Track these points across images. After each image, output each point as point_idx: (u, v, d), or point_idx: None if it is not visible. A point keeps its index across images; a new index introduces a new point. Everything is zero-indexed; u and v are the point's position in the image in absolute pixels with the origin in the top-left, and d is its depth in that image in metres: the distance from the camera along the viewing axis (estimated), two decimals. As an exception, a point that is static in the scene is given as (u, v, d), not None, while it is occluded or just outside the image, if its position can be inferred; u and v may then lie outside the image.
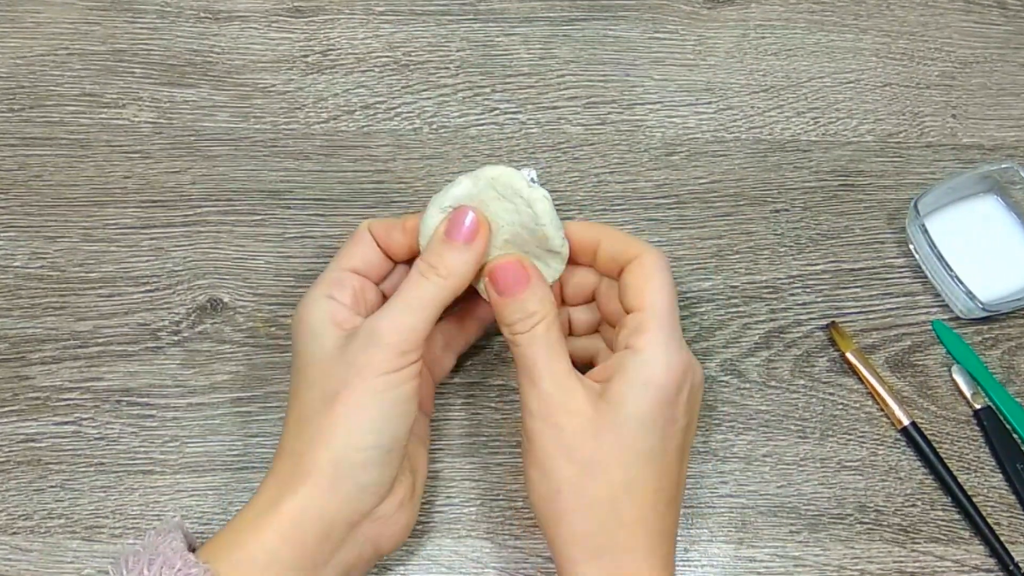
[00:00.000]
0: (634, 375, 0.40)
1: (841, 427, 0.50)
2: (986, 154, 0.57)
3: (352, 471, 0.40)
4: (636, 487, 0.40)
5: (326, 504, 0.40)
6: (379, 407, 0.40)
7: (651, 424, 0.40)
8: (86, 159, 0.55)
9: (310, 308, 0.42)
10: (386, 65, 0.59)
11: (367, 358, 0.40)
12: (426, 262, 0.42)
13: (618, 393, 0.40)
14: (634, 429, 0.40)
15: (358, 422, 0.40)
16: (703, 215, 0.55)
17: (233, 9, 0.60)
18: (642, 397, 0.40)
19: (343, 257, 0.44)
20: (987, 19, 0.62)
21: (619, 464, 0.39)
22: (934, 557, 0.48)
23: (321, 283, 0.43)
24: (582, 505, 0.39)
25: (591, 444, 0.40)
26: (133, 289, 0.52)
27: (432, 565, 0.47)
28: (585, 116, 0.58)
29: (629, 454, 0.40)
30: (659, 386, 0.40)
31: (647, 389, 0.40)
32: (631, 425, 0.40)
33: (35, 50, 0.59)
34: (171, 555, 0.38)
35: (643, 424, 0.40)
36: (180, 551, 0.38)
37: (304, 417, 0.41)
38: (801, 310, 0.53)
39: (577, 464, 0.40)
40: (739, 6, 0.62)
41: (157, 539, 0.39)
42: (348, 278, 0.43)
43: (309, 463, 0.40)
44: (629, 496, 0.40)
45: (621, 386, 0.40)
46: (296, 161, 0.56)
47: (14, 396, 0.50)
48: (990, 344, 0.53)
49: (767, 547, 0.48)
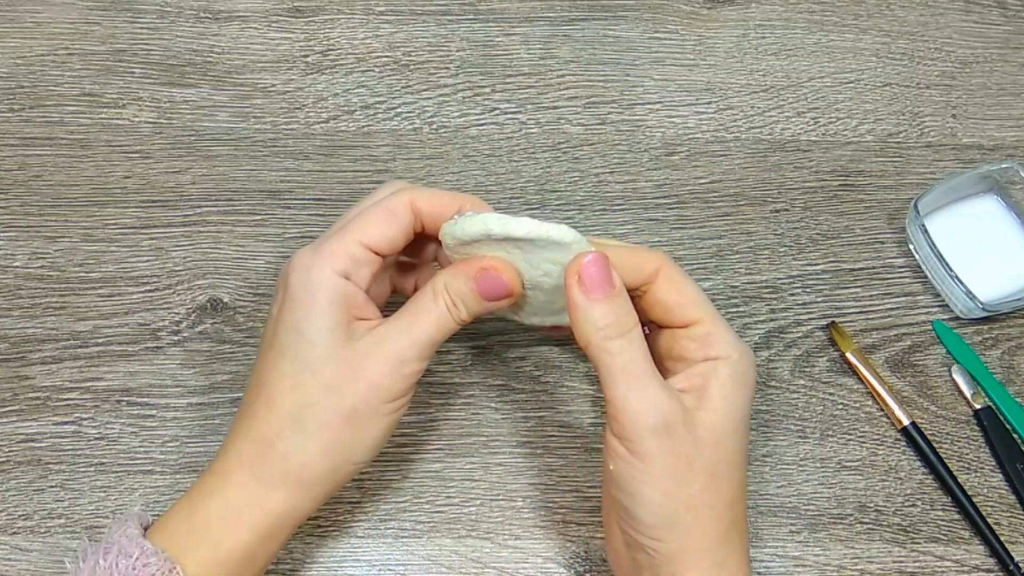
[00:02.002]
0: (730, 380, 0.39)
1: (841, 427, 0.50)
2: (986, 154, 0.57)
3: (338, 480, 0.41)
4: (743, 489, 0.40)
5: (309, 507, 0.40)
6: (383, 432, 0.40)
7: (747, 422, 0.40)
8: (86, 159, 0.55)
9: (318, 283, 0.39)
10: (386, 65, 0.59)
11: (391, 384, 0.39)
12: (453, 300, 0.40)
13: (721, 400, 0.39)
14: (743, 431, 0.40)
15: (364, 441, 0.40)
16: (703, 215, 0.55)
17: (233, 9, 0.60)
18: (743, 397, 0.40)
19: (365, 228, 0.40)
20: (987, 19, 0.62)
21: (732, 468, 0.39)
22: (934, 557, 0.48)
23: (332, 255, 0.40)
24: (713, 516, 0.38)
25: (713, 453, 0.38)
26: (133, 289, 0.52)
27: (432, 565, 0.47)
28: (585, 116, 0.58)
29: (739, 457, 0.40)
30: (750, 383, 0.40)
31: (745, 388, 0.40)
32: (742, 427, 0.40)
33: (35, 50, 0.59)
34: (126, 543, 0.37)
35: (746, 425, 0.40)
36: (135, 538, 0.38)
37: (310, 419, 0.39)
38: (801, 310, 0.53)
39: (704, 475, 0.38)
40: (739, 6, 0.62)
41: (113, 529, 0.39)
42: (368, 258, 0.40)
43: (308, 473, 0.39)
44: (741, 499, 0.40)
45: (723, 390, 0.39)
46: (296, 161, 0.56)
47: (14, 396, 0.50)
48: (990, 344, 0.53)
49: (767, 547, 0.48)
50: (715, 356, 0.40)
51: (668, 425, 0.37)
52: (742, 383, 0.40)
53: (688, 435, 0.38)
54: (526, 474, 0.49)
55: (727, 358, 0.40)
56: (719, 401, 0.39)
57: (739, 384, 0.40)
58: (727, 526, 0.39)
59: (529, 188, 0.56)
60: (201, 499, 0.40)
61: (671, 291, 0.41)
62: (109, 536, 0.39)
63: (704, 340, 0.40)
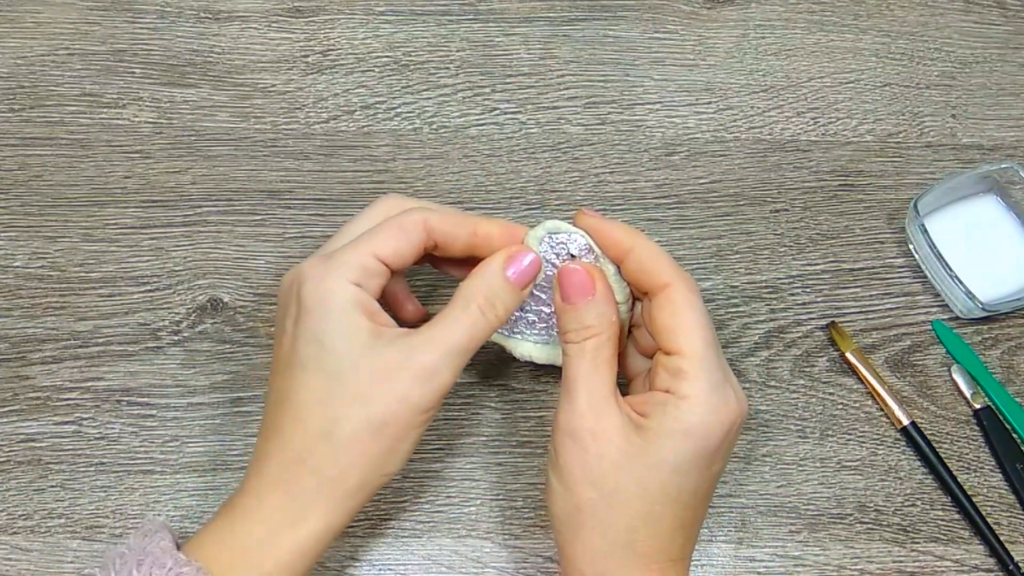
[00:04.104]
0: (674, 422, 0.38)
1: (841, 427, 0.50)
2: (986, 154, 0.57)
3: (370, 492, 0.40)
4: (657, 521, 0.39)
5: (344, 522, 0.40)
6: (413, 442, 0.40)
7: (686, 469, 0.38)
8: (86, 159, 0.55)
9: (333, 293, 0.39)
10: (386, 65, 0.59)
11: (420, 396, 0.39)
12: (486, 299, 0.40)
13: (655, 435, 0.38)
14: (665, 473, 0.38)
15: (396, 453, 0.40)
16: (703, 215, 0.55)
17: (233, 9, 0.60)
18: (681, 445, 0.38)
19: (378, 241, 0.40)
20: (987, 19, 0.62)
21: (641, 499, 0.38)
22: (934, 557, 0.48)
23: (345, 264, 0.39)
24: (599, 529, 0.39)
25: (615, 475, 0.38)
26: (133, 289, 0.52)
27: (432, 565, 0.47)
28: (585, 116, 0.58)
29: (655, 493, 0.38)
30: (702, 437, 0.38)
31: (688, 439, 0.38)
32: (663, 469, 0.38)
33: (35, 50, 0.59)
34: (160, 554, 0.37)
35: (677, 470, 0.38)
36: (169, 550, 0.38)
37: (339, 434, 0.38)
38: (801, 310, 0.53)
39: (599, 490, 0.38)
40: (739, 6, 0.62)
41: (144, 540, 0.38)
42: (379, 269, 0.40)
43: (340, 489, 0.39)
44: (648, 528, 0.39)
45: (659, 429, 0.38)
46: (296, 161, 0.56)
47: (14, 396, 0.50)
48: (990, 344, 0.53)
49: (767, 547, 0.48)
50: (676, 393, 0.38)
51: (575, 431, 0.39)
52: (687, 433, 0.38)
53: (595, 447, 0.38)
54: (526, 474, 0.49)
55: (685, 399, 0.38)
56: (651, 435, 0.38)
57: (682, 433, 0.38)
58: (615, 546, 0.39)
59: (529, 188, 0.56)
60: (238, 520, 0.39)
61: (666, 312, 0.40)
62: (134, 545, 0.38)
63: (674, 374, 0.39)
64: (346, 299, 0.39)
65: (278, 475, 0.39)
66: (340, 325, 0.39)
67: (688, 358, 0.39)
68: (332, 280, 0.39)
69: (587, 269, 0.41)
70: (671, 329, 0.39)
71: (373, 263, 0.40)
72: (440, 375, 0.39)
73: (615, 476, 0.38)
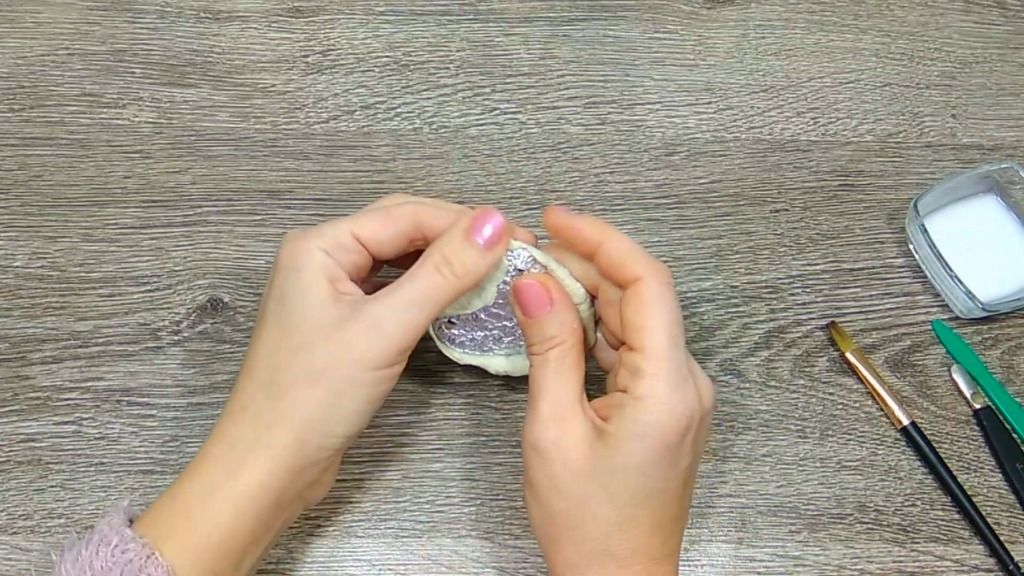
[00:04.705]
0: (632, 424, 0.38)
1: (841, 427, 0.50)
2: (986, 154, 0.57)
3: (316, 453, 0.39)
4: (630, 524, 0.38)
5: (284, 479, 0.39)
6: (363, 400, 0.39)
7: (650, 470, 0.38)
8: (86, 159, 0.55)
9: (303, 254, 0.40)
10: (386, 65, 0.59)
11: (366, 347, 0.39)
12: (442, 256, 0.40)
13: (614, 439, 0.38)
14: (629, 476, 0.38)
15: (338, 410, 0.39)
16: (703, 215, 0.55)
17: (233, 9, 0.60)
18: (640, 446, 0.37)
19: (359, 220, 0.41)
20: (987, 19, 0.62)
21: (611, 505, 0.38)
22: (934, 557, 0.48)
23: (320, 235, 0.40)
24: (574, 538, 0.39)
25: (582, 483, 0.38)
26: (133, 289, 0.52)
27: (432, 565, 0.47)
28: (585, 116, 0.58)
29: (623, 497, 0.38)
30: (659, 436, 0.37)
31: (645, 439, 0.37)
32: (626, 472, 0.38)
33: (35, 50, 0.59)
34: (108, 531, 0.37)
35: (640, 471, 0.38)
36: (117, 527, 0.37)
37: (279, 382, 0.39)
38: (801, 310, 0.53)
39: (568, 499, 0.38)
40: (739, 6, 0.62)
41: (100, 520, 0.38)
42: (353, 246, 0.41)
43: (276, 437, 0.39)
44: (622, 532, 0.38)
45: (618, 432, 0.38)
46: (296, 161, 0.56)
47: (14, 396, 0.50)
48: (990, 344, 0.53)
49: (767, 547, 0.48)
50: (632, 393, 0.38)
51: (537, 443, 0.39)
52: (643, 434, 0.37)
53: (558, 457, 0.38)
54: (526, 474, 0.49)
55: (640, 399, 0.38)
56: (611, 440, 0.38)
57: (639, 435, 0.37)
58: (593, 553, 0.39)
59: (529, 188, 0.56)
60: (183, 481, 0.39)
61: (631, 308, 0.39)
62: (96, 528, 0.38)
63: (633, 372, 0.38)
64: (313, 263, 0.40)
65: (222, 428, 0.40)
66: (301, 284, 0.40)
67: (647, 357, 0.38)
68: (302, 244, 0.40)
69: (540, 281, 0.41)
70: (635, 326, 0.39)
71: (349, 240, 0.41)
72: (386, 325, 0.39)
73: (583, 485, 0.38)
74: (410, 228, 0.42)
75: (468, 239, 0.40)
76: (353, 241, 0.41)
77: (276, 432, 0.39)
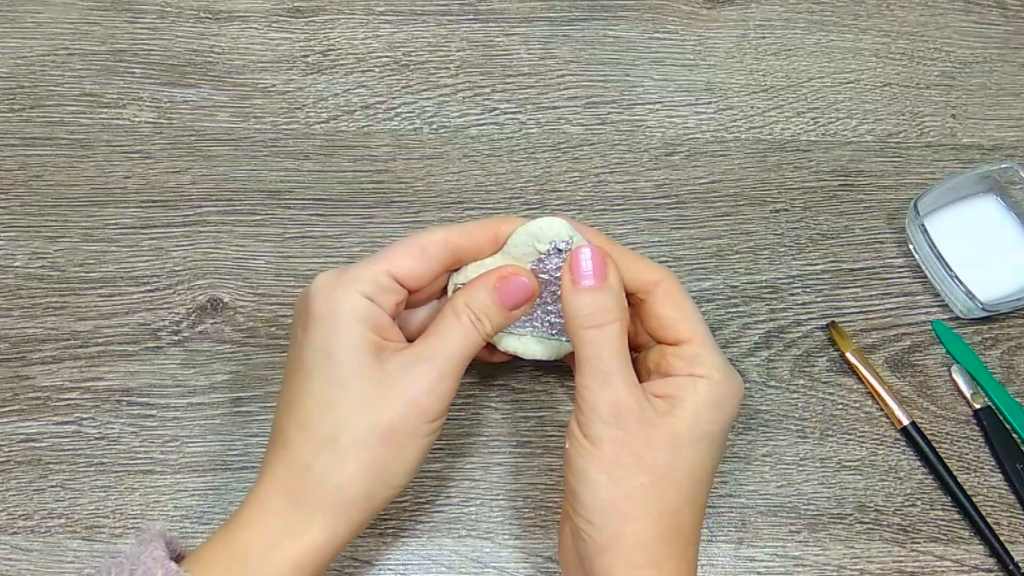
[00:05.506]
0: (707, 395, 0.40)
1: (841, 427, 0.50)
2: (986, 154, 0.57)
3: (375, 505, 0.40)
4: (696, 500, 0.40)
5: (348, 536, 0.39)
6: (423, 450, 0.40)
7: (719, 443, 0.41)
8: (86, 159, 0.55)
9: (344, 303, 0.39)
10: (386, 65, 0.59)
11: (428, 403, 0.39)
12: (475, 313, 0.41)
13: (693, 413, 0.39)
14: (707, 447, 0.40)
15: (402, 463, 0.39)
16: (703, 215, 0.55)
17: (233, 9, 0.60)
18: (718, 415, 0.40)
19: (393, 258, 0.41)
20: (987, 19, 0.62)
21: (689, 478, 0.39)
22: (934, 557, 0.48)
23: (359, 279, 0.40)
24: (652, 513, 0.39)
25: (667, 456, 0.39)
26: (133, 289, 0.52)
27: (432, 565, 0.47)
28: (585, 116, 0.58)
29: (699, 470, 0.40)
30: (732, 405, 0.41)
31: (719, 410, 0.40)
32: (705, 443, 0.40)
33: (35, 50, 0.59)
34: (152, 565, 0.36)
35: (714, 443, 0.40)
36: (162, 560, 0.37)
37: (345, 440, 0.38)
38: (801, 310, 0.53)
39: (651, 474, 0.39)
40: (739, 6, 0.62)
41: (139, 548, 0.38)
42: (392, 286, 0.40)
43: (346, 496, 0.38)
44: (691, 508, 0.40)
45: (696, 406, 0.40)
46: (296, 161, 0.56)
47: (14, 396, 0.50)
48: (990, 344, 0.53)
49: (767, 547, 0.48)
50: (699, 375, 0.40)
51: (620, 417, 0.39)
52: (718, 404, 0.40)
53: (641, 432, 0.39)
54: (526, 474, 0.49)
55: (708, 378, 0.40)
56: (689, 413, 0.39)
57: (714, 405, 0.40)
58: (667, 530, 0.39)
59: (529, 188, 0.56)
60: (239, 529, 0.39)
61: (667, 306, 0.42)
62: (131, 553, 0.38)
63: (691, 360, 0.41)
64: (354, 311, 0.39)
65: (282, 482, 0.39)
66: (346, 336, 0.39)
67: (699, 343, 0.41)
68: (342, 291, 0.39)
69: (602, 249, 0.41)
70: (676, 320, 0.41)
71: (386, 280, 0.40)
72: (444, 381, 0.40)
73: (665, 457, 0.39)
74: (447, 256, 0.42)
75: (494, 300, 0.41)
76: (391, 281, 0.40)
77: (345, 493, 0.39)
